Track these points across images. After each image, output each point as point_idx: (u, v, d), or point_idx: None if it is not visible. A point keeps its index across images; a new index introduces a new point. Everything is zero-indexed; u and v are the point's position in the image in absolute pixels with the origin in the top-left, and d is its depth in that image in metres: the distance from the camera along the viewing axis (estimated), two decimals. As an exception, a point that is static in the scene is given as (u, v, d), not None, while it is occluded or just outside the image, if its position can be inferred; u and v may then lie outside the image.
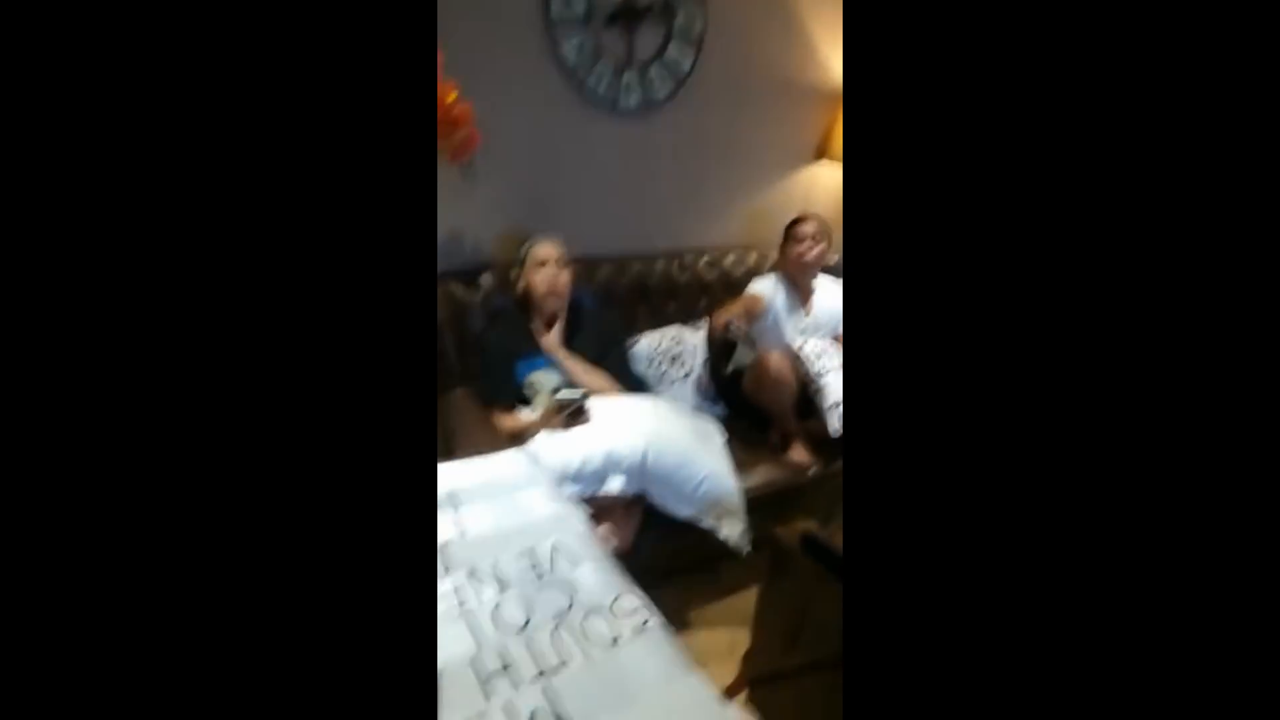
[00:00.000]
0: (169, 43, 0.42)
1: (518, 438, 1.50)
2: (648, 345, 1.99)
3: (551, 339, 1.70)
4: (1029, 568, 0.43)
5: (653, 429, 1.48)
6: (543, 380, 1.61)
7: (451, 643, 0.69)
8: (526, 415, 1.56)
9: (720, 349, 2.13)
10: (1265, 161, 0.39)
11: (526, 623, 0.73)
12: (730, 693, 1.46)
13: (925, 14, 0.45)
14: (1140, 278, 0.41)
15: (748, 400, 1.95)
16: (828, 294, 2.05)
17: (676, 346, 2.02)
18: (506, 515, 0.93)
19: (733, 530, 1.57)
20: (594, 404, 1.52)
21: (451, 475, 1.01)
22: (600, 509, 1.41)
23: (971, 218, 0.45)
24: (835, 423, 1.78)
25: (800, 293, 2.02)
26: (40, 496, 0.39)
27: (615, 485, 1.40)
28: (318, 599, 0.43)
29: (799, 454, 1.83)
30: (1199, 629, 0.40)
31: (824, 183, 2.41)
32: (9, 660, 0.38)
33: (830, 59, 2.22)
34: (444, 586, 0.77)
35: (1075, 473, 0.42)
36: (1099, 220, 0.42)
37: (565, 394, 1.49)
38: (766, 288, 1.99)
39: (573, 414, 1.50)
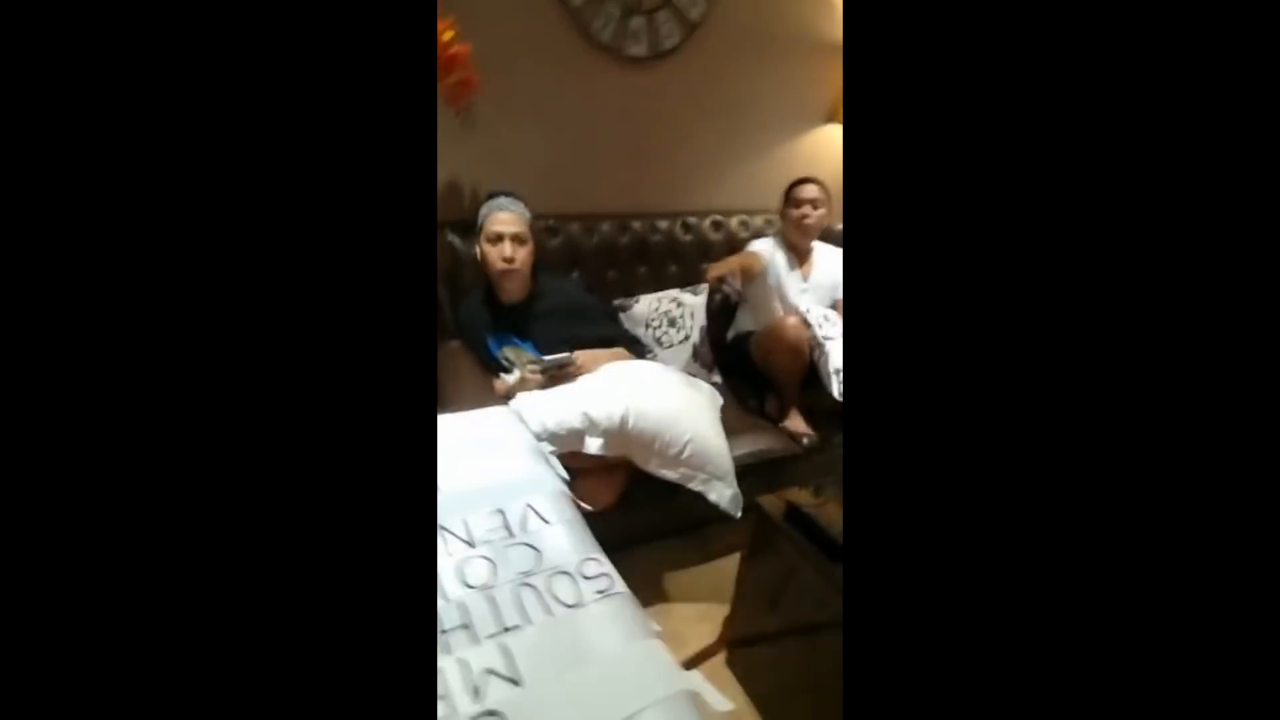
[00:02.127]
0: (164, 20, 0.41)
1: (508, 397, 1.49)
2: (645, 307, 1.96)
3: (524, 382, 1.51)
4: (1029, 551, 0.42)
5: (633, 391, 1.45)
6: (515, 355, 1.59)
7: (414, 596, 0.69)
8: (510, 379, 1.55)
9: (720, 313, 2.09)
10: (1265, 162, 0.39)
11: (491, 581, 0.73)
12: (709, 654, 1.49)
13: None
14: (1140, 253, 0.41)
15: (748, 366, 1.92)
16: (826, 260, 2.00)
17: (676, 309, 1.99)
18: (483, 472, 0.92)
19: (722, 494, 1.56)
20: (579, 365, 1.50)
21: (430, 429, 1.00)
22: (582, 468, 1.40)
23: (974, 192, 0.44)
24: (836, 389, 1.76)
25: (798, 257, 1.97)
26: (37, 502, 0.39)
27: (594, 447, 1.38)
28: (315, 572, 0.42)
29: (796, 423, 1.81)
30: (1198, 622, 0.40)
31: (832, 147, 2.32)
32: (9, 660, 0.38)
33: (851, 12, 2.11)
34: (412, 540, 0.77)
35: (1076, 454, 0.42)
36: (1100, 200, 0.42)
37: (549, 360, 1.47)
38: (765, 248, 1.94)
39: (557, 374, 1.48)
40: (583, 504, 1.44)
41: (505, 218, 1.57)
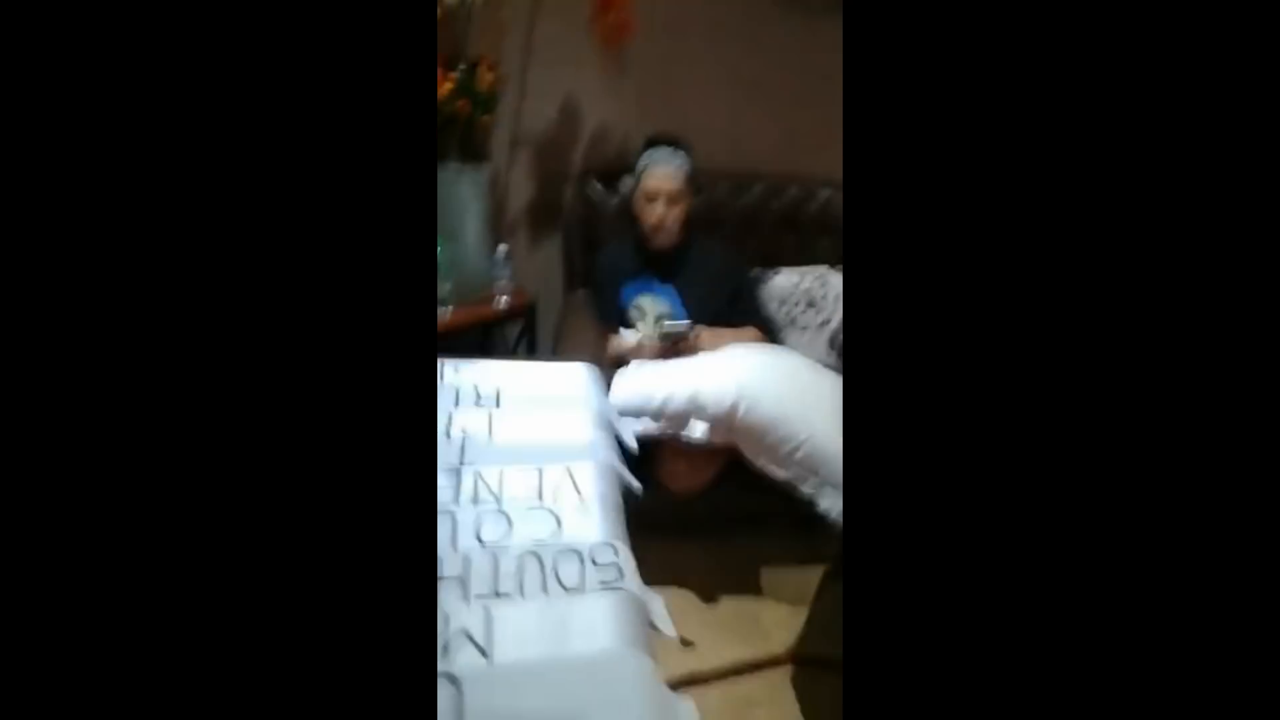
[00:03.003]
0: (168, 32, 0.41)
1: (619, 360, 1.46)
2: (785, 281, 1.80)
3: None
4: (1037, 596, 0.42)
5: (750, 378, 1.33)
6: (649, 306, 1.54)
7: (427, 536, 0.70)
8: (631, 338, 1.51)
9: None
10: (1265, 162, 0.40)
11: (503, 540, 0.71)
12: (776, 662, 1.38)
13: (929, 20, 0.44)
14: (1145, 292, 0.42)
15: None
16: None
17: (819, 289, 1.80)
18: (539, 428, 0.90)
19: (833, 504, 1.36)
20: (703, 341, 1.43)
21: (504, 373, 1.01)
22: (682, 448, 1.33)
23: (977, 195, 0.43)
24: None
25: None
26: (36, 494, 0.39)
27: (698, 432, 1.29)
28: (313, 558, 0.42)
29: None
30: (1207, 664, 0.39)
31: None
32: (9, 660, 0.38)
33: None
34: (447, 479, 0.78)
35: (1084, 503, 0.42)
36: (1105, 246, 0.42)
37: (669, 325, 1.41)
38: None
39: (675, 345, 1.41)
40: (668, 484, 1.39)
41: (663, 173, 1.50)
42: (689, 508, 1.50)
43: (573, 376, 1.05)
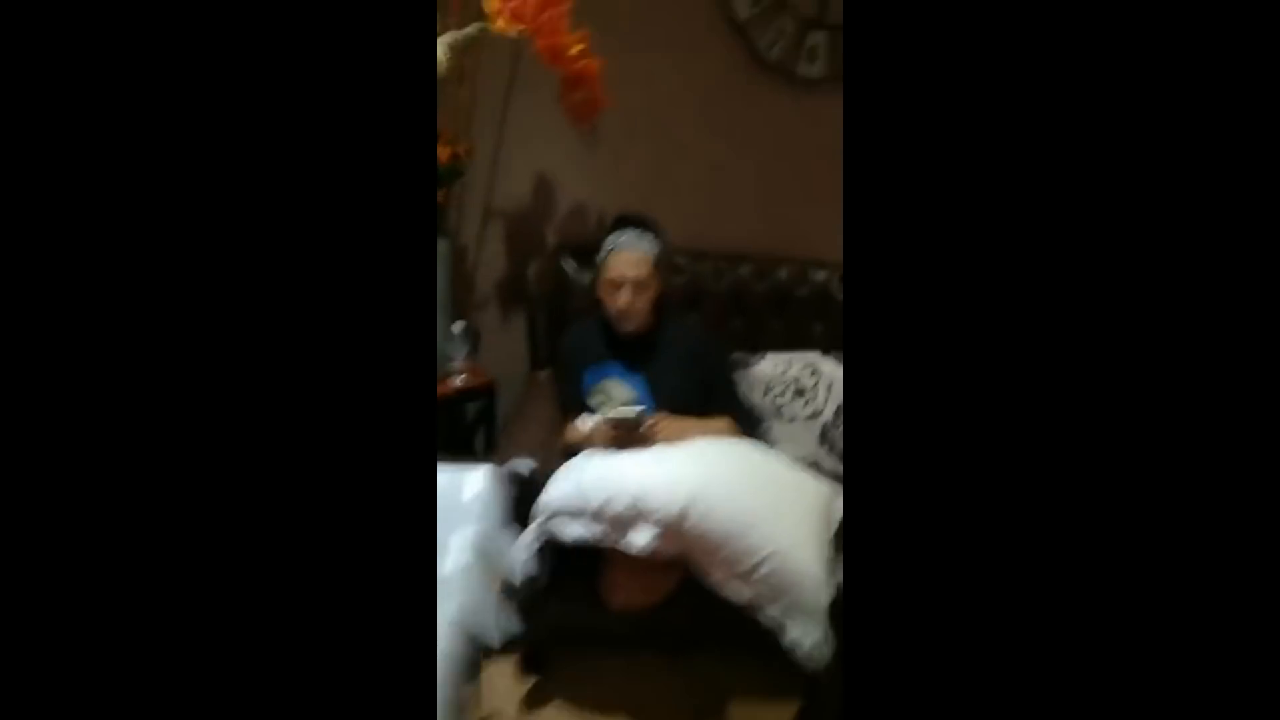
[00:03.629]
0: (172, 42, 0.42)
1: (573, 449, 1.33)
2: (770, 367, 1.65)
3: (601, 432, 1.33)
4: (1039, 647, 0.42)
5: (705, 477, 1.16)
6: (613, 391, 1.41)
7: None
8: (584, 425, 1.38)
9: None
10: (1265, 162, 0.40)
11: None
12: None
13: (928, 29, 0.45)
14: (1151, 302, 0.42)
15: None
16: None
17: (809, 378, 1.64)
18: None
19: (803, 635, 1.13)
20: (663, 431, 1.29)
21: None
22: (628, 558, 1.16)
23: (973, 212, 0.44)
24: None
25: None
26: (40, 497, 0.40)
27: (641, 540, 1.12)
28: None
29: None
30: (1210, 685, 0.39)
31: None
32: (9, 660, 0.39)
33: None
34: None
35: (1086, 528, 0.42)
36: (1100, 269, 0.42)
37: (620, 411, 1.27)
38: None
39: (628, 434, 1.27)
40: (608, 599, 1.21)
41: (627, 259, 1.36)
42: (645, 622, 1.31)
43: (466, 485, 0.92)
